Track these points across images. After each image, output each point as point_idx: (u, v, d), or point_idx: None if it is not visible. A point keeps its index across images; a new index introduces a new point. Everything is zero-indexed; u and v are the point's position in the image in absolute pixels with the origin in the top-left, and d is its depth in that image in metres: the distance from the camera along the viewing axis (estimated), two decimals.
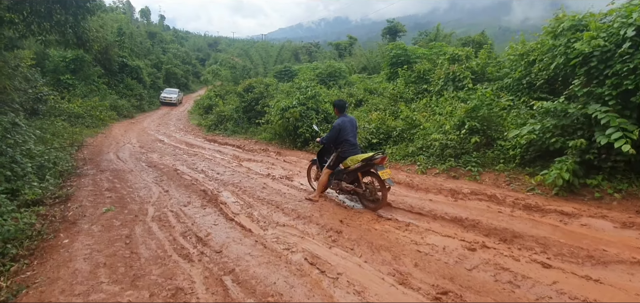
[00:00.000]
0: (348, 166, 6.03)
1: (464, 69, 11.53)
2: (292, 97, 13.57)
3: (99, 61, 25.05)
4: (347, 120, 6.23)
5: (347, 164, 6.04)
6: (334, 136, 6.15)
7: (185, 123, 23.61)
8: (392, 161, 9.58)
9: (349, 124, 6.20)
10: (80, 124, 17.24)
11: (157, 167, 9.88)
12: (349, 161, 6.02)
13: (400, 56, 15.12)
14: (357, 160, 5.89)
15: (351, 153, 6.07)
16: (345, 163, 6.08)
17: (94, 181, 7.74)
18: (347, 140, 6.09)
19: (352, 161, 5.97)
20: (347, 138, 6.09)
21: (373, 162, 5.74)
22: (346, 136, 6.09)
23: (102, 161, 10.56)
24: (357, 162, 5.88)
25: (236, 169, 9.65)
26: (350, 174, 6.06)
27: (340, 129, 6.10)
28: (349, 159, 6.02)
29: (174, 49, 41.13)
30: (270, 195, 6.90)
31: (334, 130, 6.15)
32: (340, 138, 6.10)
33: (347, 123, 6.17)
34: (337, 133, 6.11)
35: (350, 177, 6.09)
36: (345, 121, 6.18)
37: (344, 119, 6.22)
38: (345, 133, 6.10)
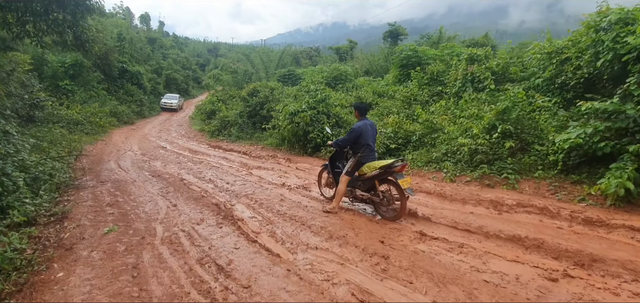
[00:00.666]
0: (364, 173, 5.59)
1: (484, 69, 10.80)
2: (300, 101, 12.81)
3: (99, 66, 24.22)
4: (369, 124, 5.77)
5: (364, 171, 5.60)
6: (352, 139, 5.65)
7: (187, 129, 22.79)
8: (414, 168, 8.82)
9: (370, 128, 5.74)
10: (79, 131, 16.42)
11: (161, 177, 9.07)
12: (365, 168, 5.58)
13: (411, 58, 14.41)
14: (375, 167, 5.44)
15: (370, 159, 5.65)
16: (361, 170, 5.65)
17: (93, 195, 6.92)
18: (367, 145, 5.64)
19: (369, 168, 5.54)
20: (367, 142, 5.63)
21: (393, 170, 5.28)
22: (367, 141, 5.63)
23: (103, 170, 9.74)
24: (375, 169, 5.43)
25: (247, 178, 8.85)
26: (366, 181, 5.63)
27: (361, 132, 5.60)
28: (366, 166, 5.58)
29: (174, 55, 40.29)
30: (290, 208, 6.10)
31: (354, 133, 5.63)
32: (361, 142, 5.63)
33: (368, 127, 5.70)
34: (358, 136, 5.61)
35: (366, 185, 5.65)
36: (367, 125, 5.71)
37: (366, 122, 5.76)
38: (365, 137, 5.63)
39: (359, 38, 47.56)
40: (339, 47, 44.51)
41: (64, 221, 5.31)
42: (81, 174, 8.75)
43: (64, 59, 21.64)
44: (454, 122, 9.75)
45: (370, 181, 5.53)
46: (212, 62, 51.86)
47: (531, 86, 9.19)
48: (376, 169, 5.40)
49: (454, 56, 13.83)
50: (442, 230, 4.91)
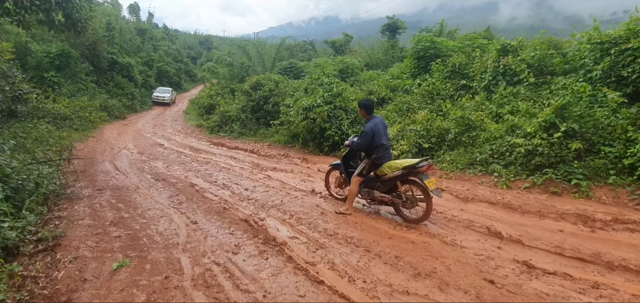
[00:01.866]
0: (384, 174, 5.15)
1: (519, 61, 9.75)
2: (314, 95, 11.58)
3: (87, 57, 22.41)
4: (379, 121, 5.31)
5: (384, 171, 5.16)
6: (368, 140, 5.21)
7: (182, 124, 21.29)
8: (454, 170, 7.74)
9: (381, 125, 5.30)
10: (67, 127, 14.81)
11: (167, 181, 7.76)
12: (385, 168, 5.15)
13: (429, 49, 13.30)
14: (397, 167, 5.01)
15: (387, 158, 5.25)
16: (380, 170, 5.21)
17: (91, 209, 5.59)
18: (382, 145, 5.22)
19: (389, 168, 5.10)
20: (381, 142, 5.22)
21: (418, 170, 4.86)
22: (381, 141, 5.22)
23: (98, 173, 8.36)
24: (397, 169, 4.99)
25: (266, 182, 7.62)
26: (386, 182, 5.17)
27: (374, 132, 5.16)
28: (386, 165, 5.16)
29: (165, 47, 38.28)
30: (338, 226, 4.92)
31: (367, 136, 5.19)
32: (375, 142, 5.21)
33: (379, 125, 5.26)
34: (372, 137, 5.17)
35: (387, 186, 5.19)
36: (378, 123, 5.27)
37: (376, 120, 5.30)
38: (379, 137, 5.21)
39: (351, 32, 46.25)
40: (334, 41, 43.26)
41: (57, 249, 4.01)
42: (73, 179, 7.38)
43: (49, 49, 19.82)
44: (494, 119, 8.68)
45: (391, 182, 5.08)
46: (204, 55, 49.93)
47: (582, 78, 8.16)
48: (399, 170, 4.95)
49: (475, 48, 12.76)
50: (548, 259, 3.81)
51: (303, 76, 21.64)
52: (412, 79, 14.31)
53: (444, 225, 4.96)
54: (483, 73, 10.99)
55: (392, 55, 27.63)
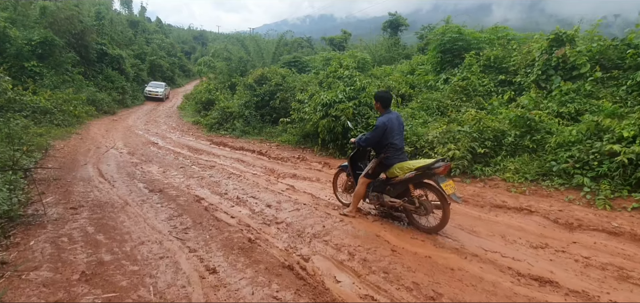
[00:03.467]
0: (395, 176, 4.49)
1: (578, 53, 8.18)
2: (334, 89, 9.84)
3: (74, 46, 20.17)
4: (394, 118, 4.60)
5: (395, 173, 4.50)
6: (377, 137, 4.55)
7: (177, 121, 19.31)
8: (522, 181, 6.11)
9: (396, 123, 4.59)
10: (47, 122, 12.80)
11: (165, 193, 5.95)
12: (396, 169, 4.49)
13: (457, 41, 11.69)
14: (410, 168, 4.35)
15: (398, 159, 4.54)
16: (391, 172, 4.54)
17: (55, 245, 3.74)
18: (392, 144, 4.52)
19: (401, 169, 4.45)
20: (393, 141, 4.52)
21: (433, 171, 4.16)
22: (392, 139, 4.52)
23: (76, 182, 6.48)
24: (410, 170, 4.34)
25: (291, 195, 5.89)
26: (397, 185, 4.50)
27: (386, 128, 4.49)
28: (397, 167, 4.49)
29: (159, 40, 35.89)
30: (432, 271, 3.23)
31: (378, 130, 4.52)
32: (385, 140, 4.53)
33: (394, 122, 4.56)
34: (382, 133, 4.51)
35: (398, 189, 4.52)
36: (392, 119, 4.56)
37: (391, 116, 4.59)
38: (391, 134, 4.52)
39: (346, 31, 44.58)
40: (332, 38, 41.84)
41: None
42: (42, 191, 5.50)
43: (30, 36, 17.59)
44: (557, 119, 7.09)
45: (403, 186, 4.43)
46: (199, 50, 47.63)
47: None
48: (412, 171, 4.30)
49: (510, 40, 11.20)
50: None
51: (308, 71, 19.89)
52: (434, 75, 12.68)
53: (576, 272, 3.31)
54: (528, 67, 9.41)
55: (395, 52, 26.17)
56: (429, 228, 4.27)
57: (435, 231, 4.21)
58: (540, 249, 3.82)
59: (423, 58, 17.55)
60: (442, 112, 9.93)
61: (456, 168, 6.76)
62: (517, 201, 5.41)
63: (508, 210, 5.18)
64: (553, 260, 3.58)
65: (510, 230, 4.44)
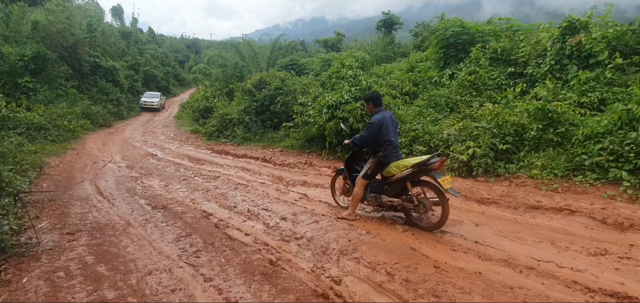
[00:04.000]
0: (392, 175, 4.36)
1: (594, 40, 7.79)
2: (339, 90, 9.38)
3: (66, 60, 19.52)
4: (388, 116, 4.53)
5: (391, 172, 4.36)
6: (372, 135, 4.41)
7: (175, 131, 18.77)
8: (551, 178, 5.68)
9: (390, 121, 4.50)
10: (41, 139, 12.21)
11: (169, 209, 5.43)
12: (393, 168, 4.36)
13: (461, 35, 11.27)
14: (406, 166, 4.22)
15: (395, 157, 4.43)
16: (387, 171, 4.41)
17: (50, 282, 3.20)
18: (389, 142, 4.39)
19: (397, 168, 4.32)
20: (389, 138, 4.40)
21: (430, 167, 4.04)
22: (388, 137, 4.40)
23: (73, 202, 5.94)
24: (406, 168, 4.20)
25: (306, 205, 5.41)
26: (394, 184, 4.37)
27: (381, 125, 4.38)
28: (393, 165, 4.37)
29: (152, 50, 35.15)
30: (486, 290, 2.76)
31: (373, 127, 4.40)
32: (381, 138, 4.39)
33: (388, 119, 4.47)
34: (378, 131, 4.38)
35: (396, 188, 4.37)
36: (387, 117, 4.48)
37: (385, 114, 4.51)
38: (387, 132, 4.39)
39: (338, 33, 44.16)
40: (326, 40, 41.53)
41: None
42: (36, 214, 4.97)
43: (23, 51, 16.95)
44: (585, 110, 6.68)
45: (400, 184, 4.33)
46: (193, 58, 47.00)
47: None
48: (408, 168, 4.19)
49: (515, 31, 10.81)
50: None
51: (306, 73, 19.43)
52: (437, 71, 12.28)
53: None
54: (539, 57, 9.01)
55: (391, 51, 25.85)
56: (430, 226, 4.14)
57: (436, 228, 4.07)
58: (600, 256, 3.37)
59: (422, 55, 17.17)
60: (451, 108, 9.52)
61: (478, 167, 6.31)
62: (552, 201, 4.96)
63: (546, 210, 4.73)
64: (619, 269, 3.13)
65: (557, 234, 3.98)
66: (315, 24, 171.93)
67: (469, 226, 4.29)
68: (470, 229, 4.21)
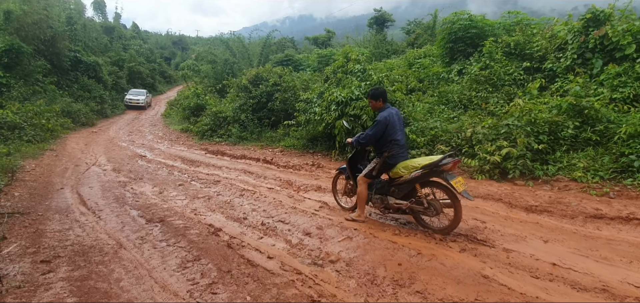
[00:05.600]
0: (400, 176, 3.97)
1: (620, 32, 7.23)
2: (348, 85, 8.58)
3: (44, 54, 18.06)
4: (394, 113, 4.10)
5: (399, 173, 3.97)
6: (379, 133, 4.01)
7: (163, 129, 17.61)
8: (597, 181, 5.05)
9: (397, 118, 4.08)
10: (16, 139, 10.96)
11: (168, 224, 4.53)
12: (401, 169, 3.96)
13: (469, 29, 10.64)
14: (415, 166, 3.83)
15: (402, 157, 4.02)
16: (394, 172, 4.02)
17: None
18: (396, 140, 3.99)
19: (405, 168, 3.92)
20: (396, 137, 3.99)
21: (441, 168, 3.66)
22: (395, 135, 3.99)
23: (50, 215, 4.96)
24: (416, 169, 3.81)
25: (333, 218, 4.60)
26: (402, 186, 3.95)
27: (387, 124, 3.97)
28: (401, 166, 3.97)
29: (137, 46, 33.48)
30: None
31: (379, 125, 3.99)
32: (388, 136, 3.99)
33: (394, 117, 4.05)
34: (384, 129, 3.98)
35: (404, 190, 3.95)
36: (393, 115, 4.06)
37: (391, 111, 4.10)
38: (393, 131, 3.98)
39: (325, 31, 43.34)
40: (317, 37, 40.84)
41: None
42: (1, 234, 3.99)
43: None
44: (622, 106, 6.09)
45: (409, 186, 3.93)
46: (179, 55, 45.40)
47: None
48: (418, 170, 3.79)
49: (525, 25, 10.25)
50: None
51: (302, 69, 18.56)
52: (444, 66, 11.63)
53: None
54: (558, 51, 8.44)
55: (384, 48, 25.26)
56: (441, 228, 3.83)
57: (448, 231, 3.77)
58: None
59: (420, 52, 16.57)
60: (464, 105, 8.86)
61: (514, 169, 5.63)
62: (611, 208, 4.31)
63: (610, 220, 4.06)
64: None
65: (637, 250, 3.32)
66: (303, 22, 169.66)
67: (536, 243, 3.57)
68: (538, 246, 3.49)
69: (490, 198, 4.98)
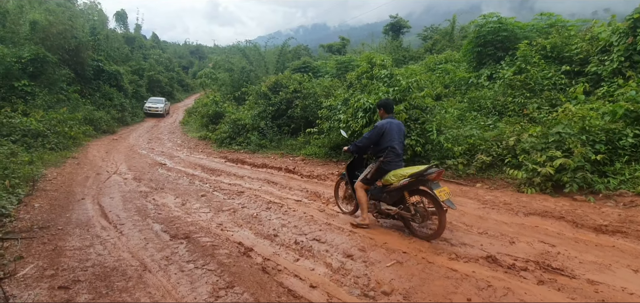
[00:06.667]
0: (390, 183, 4.11)
1: None
2: (376, 91, 8.09)
3: (68, 63, 18.17)
4: (395, 123, 4.28)
5: (389, 180, 4.11)
6: (374, 138, 4.20)
7: (182, 137, 17.43)
8: None
9: (396, 128, 4.24)
10: (40, 147, 10.84)
11: (193, 241, 4.10)
12: (391, 176, 4.10)
13: (500, 31, 10.02)
14: (404, 175, 3.96)
15: (396, 165, 4.15)
16: (385, 179, 4.16)
17: None
18: (392, 148, 4.13)
19: (395, 176, 4.04)
20: (392, 144, 4.13)
21: (426, 178, 3.81)
22: (391, 142, 4.13)
23: (70, 230, 4.60)
24: (404, 177, 3.94)
25: (376, 237, 4.10)
26: (392, 193, 4.11)
27: (383, 131, 4.16)
28: (391, 174, 4.10)
29: (156, 55, 33.78)
30: None
31: (376, 131, 4.20)
32: (384, 143, 4.16)
33: (393, 126, 4.22)
34: (379, 135, 4.17)
35: (394, 197, 4.11)
36: (393, 124, 4.24)
37: (391, 121, 4.27)
38: (390, 138, 4.14)
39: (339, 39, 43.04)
40: (331, 45, 40.62)
41: None
42: (18, 253, 3.64)
43: (20, 53, 15.58)
44: None
45: (398, 193, 4.05)
46: (196, 64, 45.78)
47: None
48: (405, 178, 3.92)
49: (563, 28, 9.60)
50: None
51: (320, 76, 18.17)
52: (471, 71, 11.04)
53: None
54: (602, 54, 7.78)
55: (400, 55, 24.73)
56: (427, 235, 3.93)
57: (433, 238, 3.86)
58: None
59: (440, 57, 16.00)
60: (499, 112, 8.26)
61: (572, 182, 5.03)
62: None
63: None
64: None
65: None
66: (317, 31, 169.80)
67: (624, 272, 3.00)
68: (629, 277, 2.93)
69: (550, 216, 4.39)
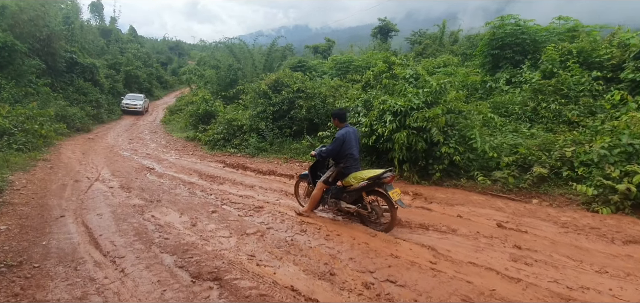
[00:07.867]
0: (350, 185, 4.56)
1: None
2: (405, 94, 7.16)
3: (38, 53, 16.14)
4: (351, 131, 4.69)
5: (350, 182, 4.56)
6: (336, 148, 4.59)
7: (166, 137, 15.88)
8: None
9: (353, 135, 4.68)
10: (5, 146, 9.17)
11: (227, 286, 3.00)
12: (351, 178, 4.54)
13: (519, 35, 9.39)
14: (363, 178, 4.42)
15: (354, 169, 4.60)
16: (346, 181, 4.61)
17: None
18: (351, 154, 4.58)
19: (355, 178, 4.50)
20: (351, 151, 4.58)
21: (382, 180, 4.26)
22: (350, 150, 4.58)
23: (50, 268, 3.35)
24: (363, 180, 4.41)
25: (474, 281, 3.15)
26: (352, 193, 4.57)
27: (344, 140, 4.56)
28: (351, 176, 4.54)
29: (134, 50, 31.43)
30: None
31: (337, 142, 4.57)
32: (344, 151, 4.57)
33: (351, 135, 4.64)
34: (341, 145, 4.56)
35: (353, 196, 4.59)
36: (350, 132, 4.65)
37: (348, 130, 4.69)
38: (349, 146, 4.57)
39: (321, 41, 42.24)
40: (317, 46, 39.73)
41: None
42: None
43: None
44: None
45: (357, 193, 4.52)
46: (176, 61, 43.43)
47: None
48: (364, 180, 4.39)
49: (582, 33, 9.09)
50: None
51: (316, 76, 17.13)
52: (485, 74, 10.39)
53: None
54: (636, 60, 7.26)
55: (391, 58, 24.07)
56: (381, 228, 4.31)
57: (386, 231, 4.25)
58: None
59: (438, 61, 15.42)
60: (530, 118, 7.58)
61: None
62: None
63: None
64: None
65: None
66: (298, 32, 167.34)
67: None
68: None
69: None
